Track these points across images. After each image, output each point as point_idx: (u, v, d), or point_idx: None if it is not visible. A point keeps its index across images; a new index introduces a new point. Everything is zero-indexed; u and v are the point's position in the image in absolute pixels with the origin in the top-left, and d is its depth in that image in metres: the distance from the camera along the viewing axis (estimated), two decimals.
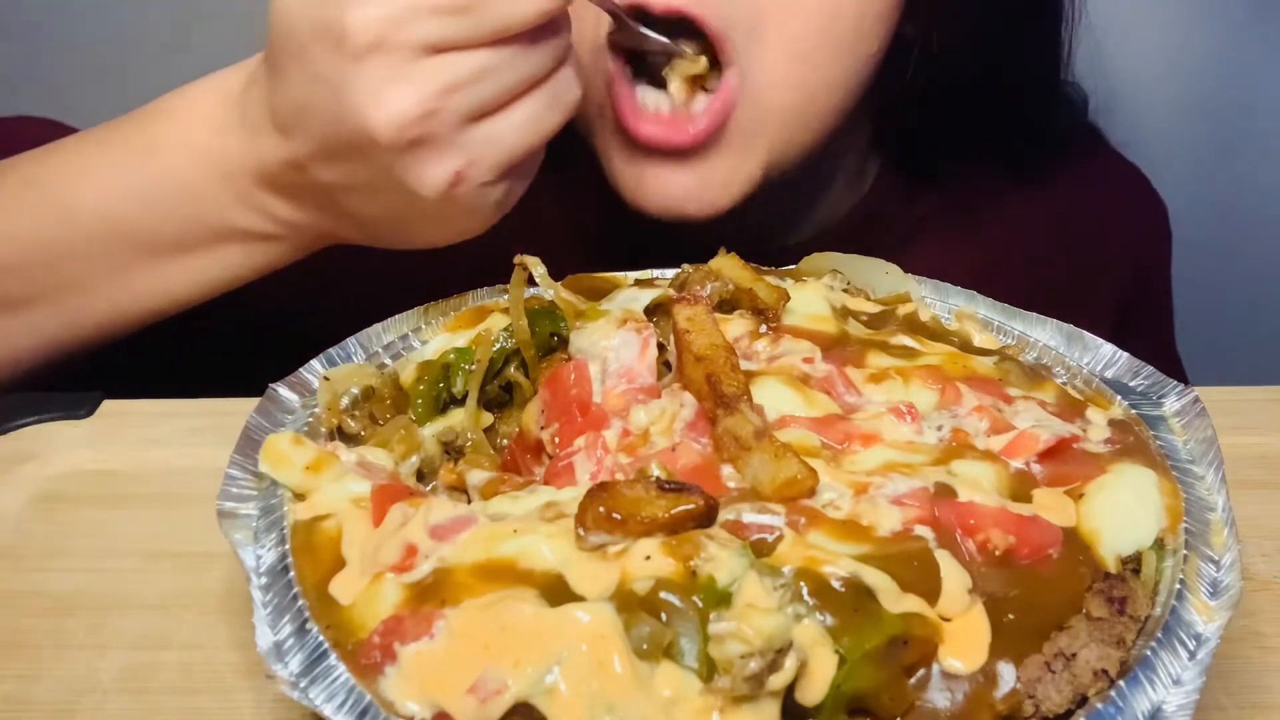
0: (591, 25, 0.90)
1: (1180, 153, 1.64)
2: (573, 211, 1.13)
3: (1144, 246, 1.24)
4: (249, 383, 0.78)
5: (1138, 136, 1.59)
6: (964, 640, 0.57)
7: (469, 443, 0.76)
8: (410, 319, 0.84)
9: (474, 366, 0.77)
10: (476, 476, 0.72)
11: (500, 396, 0.79)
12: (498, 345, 0.78)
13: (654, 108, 0.91)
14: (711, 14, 0.87)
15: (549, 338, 0.78)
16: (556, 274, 0.83)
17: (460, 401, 0.77)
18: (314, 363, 0.79)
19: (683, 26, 0.89)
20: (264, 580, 0.62)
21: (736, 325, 0.77)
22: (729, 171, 0.92)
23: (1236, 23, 1.57)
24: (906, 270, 0.87)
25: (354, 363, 0.80)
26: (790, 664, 0.53)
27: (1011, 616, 0.58)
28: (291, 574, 0.62)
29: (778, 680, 0.53)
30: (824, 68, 0.91)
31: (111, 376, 1.05)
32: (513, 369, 0.78)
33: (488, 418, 0.77)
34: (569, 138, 1.14)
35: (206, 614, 0.73)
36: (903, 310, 0.83)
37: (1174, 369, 1.26)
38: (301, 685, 0.55)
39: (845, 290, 0.85)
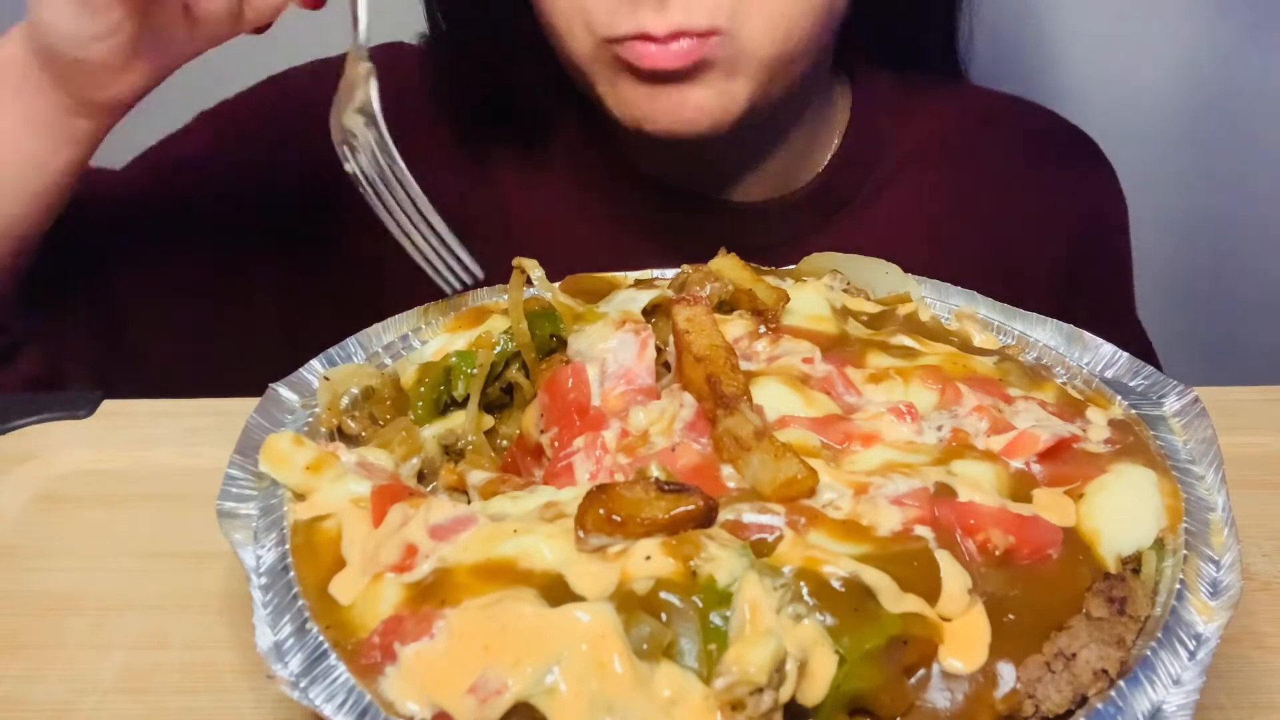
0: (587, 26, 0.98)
1: (1179, 152, 1.64)
2: (548, 196, 1.18)
3: (1096, 206, 1.28)
4: (249, 383, 0.79)
5: (1137, 136, 1.59)
6: (964, 640, 0.57)
7: (469, 445, 0.76)
8: (410, 319, 0.84)
9: (475, 370, 0.77)
10: (477, 477, 0.72)
11: (501, 399, 0.79)
12: (499, 348, 0.78)
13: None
14: (707, 24, 0.96)
15: (549, 339, 0.78)
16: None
17: (461, 404, 0.77)
18: (314, 363, 0.79)
19: None
20: (264, 580, 0.62)
21: (736, 326, 0.77)
22: (719, 95, 1.00)
23: (1237, 20, 1.57)
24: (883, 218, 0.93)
25: (354, 363, 0.80)
26: (791, 667, 0.53)
27: (1011, 616, 0.58)
28: (291, 574, 0.62)
29: (786, 691, 0.53)
30: (796, 31, 1.00)
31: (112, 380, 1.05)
32: (514, 370, 0.78)
33: (488, 420, 0.77)
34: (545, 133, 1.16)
35: (206, 614, 0.73)
36: (903, 310, 0.83)
37: (1139, 341, 1.29)
38: (301, 685, 0.55)
39: (845, 290, 0.85)
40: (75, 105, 0.91)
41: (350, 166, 0.84)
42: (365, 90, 0.84)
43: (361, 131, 0.84)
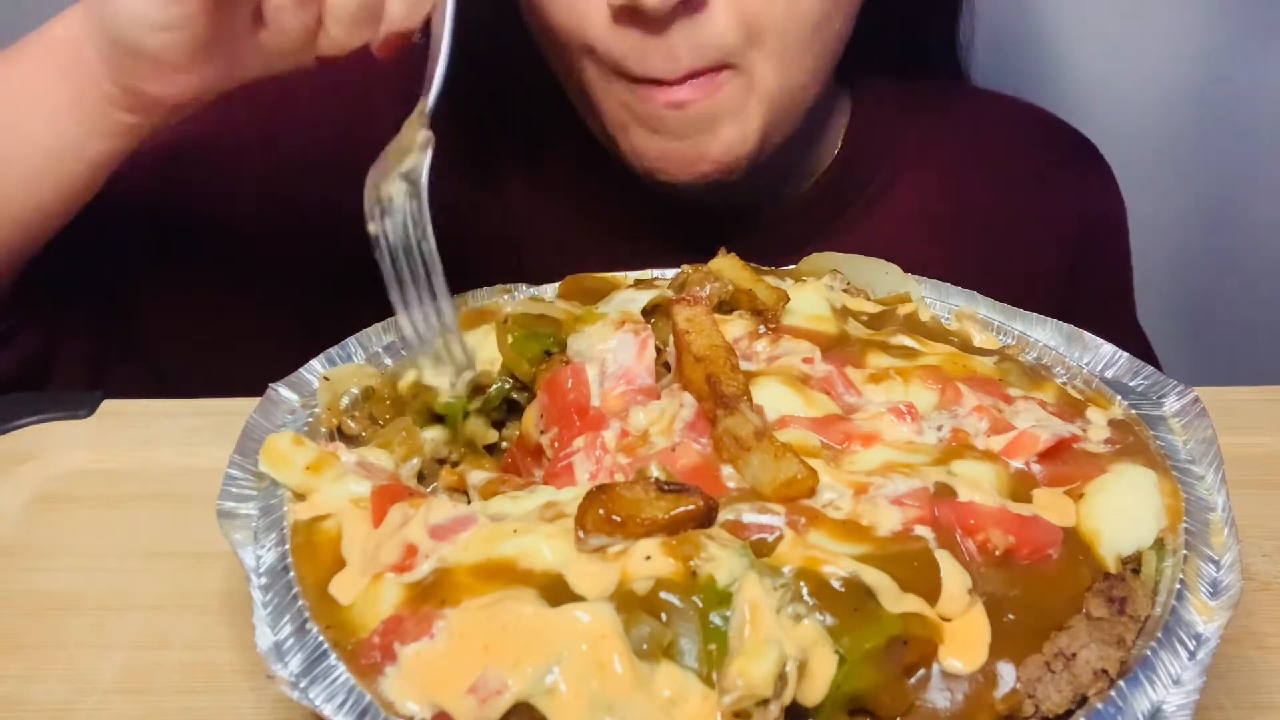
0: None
1: (1178, 153, 1.64)
2: (552, 206, 1.18)
3: (1094, 209, 1.28)
4: (250, 381, 0.79)
5: (1137, 136, 1.59)
6: (964, 640, 0.57)
7: (462, 458, 0.76)
8: None
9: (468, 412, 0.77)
10: (477, 477, 0.72)
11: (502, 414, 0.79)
12: (495, 386, 0.77)
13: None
14: (717, 58, 0.95)
15: (543, 355, 0.78)
16: (535, 270, 0.82)
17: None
18: (314, 363, 0.79)
19: None
20: (264, 580, 0.62)
21: (736, 326, 0.77)
22: (730, 142, 1.00)
23: (1235, 19, 1.57)
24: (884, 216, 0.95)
25: (354, 363, 0.80)
26: (791, 668, 0.53)
27: (1011, 616, 0.58)
28: (291, 574, 0.62)
29: (789, 693, 0.53)
30: (806, 65, 1.00)
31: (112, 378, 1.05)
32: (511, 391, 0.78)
33: (491, 434, 0.77)
34: (543, 140, 1.15)
35: (206, 614, 0.73)
36: (903, 310, 0.83)
37: (1142, 345, 1.29)
38: (301, 685, 0.55)
39: (845, 290, 0.85)
40: (124, 97, 0.88)
41: (374, 228, 0.79)
42: (417, 159, 0.79)
43: (401, 199, 0.79)
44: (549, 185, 1.18)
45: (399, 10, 0.78)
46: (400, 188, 0.79)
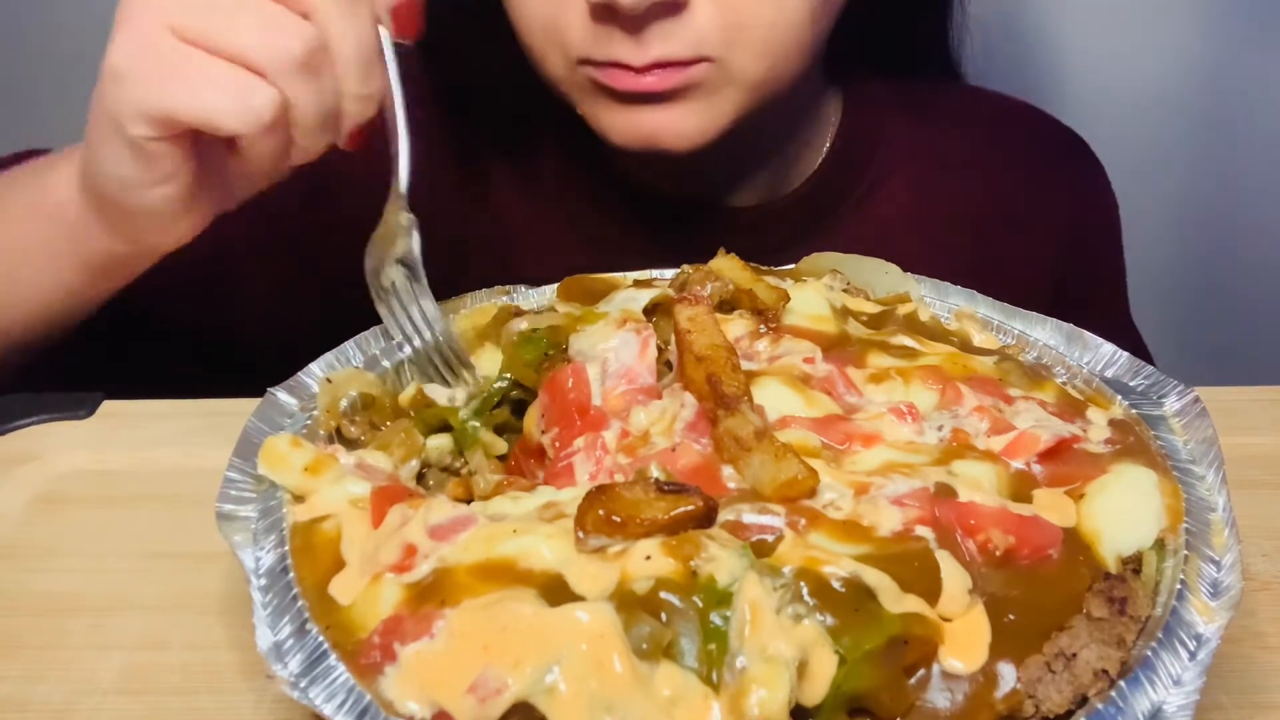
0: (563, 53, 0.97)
1: (1179, 153, 1.64)
2: (541, 207, 1.17)
3: (1086, 206, 1.28)
4: (247, 385, 0.78)
5: (1134, 135, 1.59)
6: (964, 640, 0.57)
7: (464, 467, 0.76)
8: None
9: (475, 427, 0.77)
10: (482, 482, 0.72)
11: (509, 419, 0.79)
12: (495, 386, 0.78)
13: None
14: (690, 54, 0.95)
15: (542, 356, 0.78)
16: (528, 270, 0.82)
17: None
18: (313, 367, 0.79)
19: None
20: (263, 582, 0.62)
21: (737, 325, 0.77)
22: (699, 117, 0.99)
23: (1235, 21, 1.57)
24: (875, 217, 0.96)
25: (353, 366, 0.79)
26: (791, 671, 0.53)
27: (1012, 617, 0.58)
28: (291, 575, 0.62)
29: (792, 699, 0.53)
30: (787, 57, 0.99)
31: (112, 378, 1.05)
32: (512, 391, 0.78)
33: (500, 445, 0.77)
34: (533, 137, 1.15)
35: (206, 614, 0.73)
36: (902, 310, 0.83)
37: (1136, 343, 1.29)
38: (301, 685, 0.55)
39: (845, 290, 0.85)
40: (129, 249, 0.88)
41: (383, 310, 0.82)
42: (408, 242, 0.81)
43: (402, 283, 0.81)
44: (540, 188, 1.18)
45: (355, 107, 0.79)
46: (399, 272, 0.82)
